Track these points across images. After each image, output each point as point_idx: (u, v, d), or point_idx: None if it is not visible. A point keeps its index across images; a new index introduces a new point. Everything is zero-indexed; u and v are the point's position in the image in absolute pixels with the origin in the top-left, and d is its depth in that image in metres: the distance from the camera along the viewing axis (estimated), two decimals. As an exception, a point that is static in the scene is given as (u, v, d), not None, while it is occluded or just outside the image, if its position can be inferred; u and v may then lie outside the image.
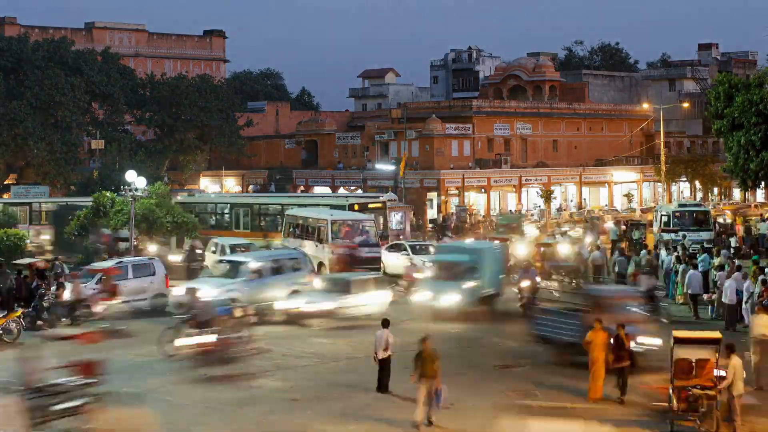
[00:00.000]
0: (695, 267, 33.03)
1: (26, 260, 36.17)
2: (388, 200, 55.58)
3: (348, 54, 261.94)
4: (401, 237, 50.44)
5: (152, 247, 42.73)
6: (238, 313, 25.46)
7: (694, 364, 19.16)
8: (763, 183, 52.26)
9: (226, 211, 54.36)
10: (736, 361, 18.72)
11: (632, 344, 21.83)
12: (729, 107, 49.82)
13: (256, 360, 24.19)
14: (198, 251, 41.32)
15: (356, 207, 47.26)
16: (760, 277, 28.72)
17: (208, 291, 28.95)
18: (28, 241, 45.85)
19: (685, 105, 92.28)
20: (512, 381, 23.00)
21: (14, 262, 36.26)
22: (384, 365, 21.67)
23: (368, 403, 20.91)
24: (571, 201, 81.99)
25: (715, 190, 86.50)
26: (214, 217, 55.05)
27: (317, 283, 32.92)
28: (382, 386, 21.64)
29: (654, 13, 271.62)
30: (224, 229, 52.02)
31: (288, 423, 19.43)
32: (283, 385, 22.58)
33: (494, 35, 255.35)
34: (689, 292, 32.02)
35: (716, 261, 34.03)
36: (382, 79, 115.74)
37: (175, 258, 41.80)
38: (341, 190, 80.00)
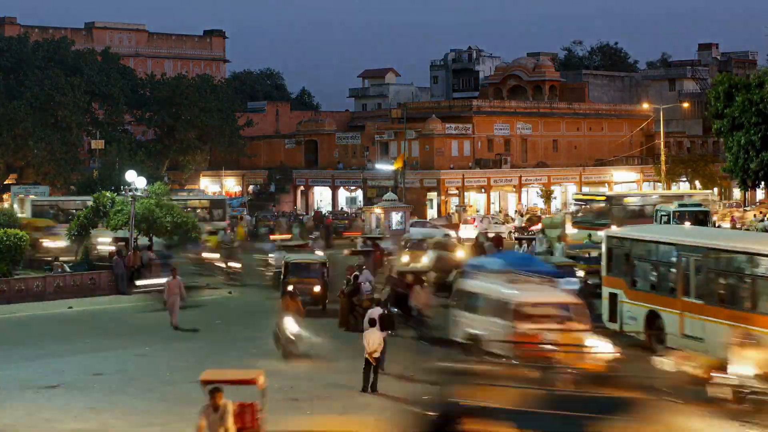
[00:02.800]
0: None
1: None
2: (388, 200, 55.55)
3: (348, 54, 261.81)
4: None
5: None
6: None
7: None
8: (763, 183, 52.31)
9: None
10: None
11: None
12: (729, 107, 49.89)
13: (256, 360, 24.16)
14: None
15: None
16: None
17: None
18: None
19: (685, 105, 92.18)
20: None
21: None
22: (374, 364, 21.84)
23: (368, 402, 20.95)
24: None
25: (715, 190, 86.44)
26: None
27: None
28: (372, 386, 21.80)
29: (654, 13, 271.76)
30: None
31: (288, 423, 19.39)
32: (283, 385, 22.56)
33: (494, 35, 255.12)
34: None
35: None
36: (382, 79, 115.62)
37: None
38: (341, 191, 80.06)
